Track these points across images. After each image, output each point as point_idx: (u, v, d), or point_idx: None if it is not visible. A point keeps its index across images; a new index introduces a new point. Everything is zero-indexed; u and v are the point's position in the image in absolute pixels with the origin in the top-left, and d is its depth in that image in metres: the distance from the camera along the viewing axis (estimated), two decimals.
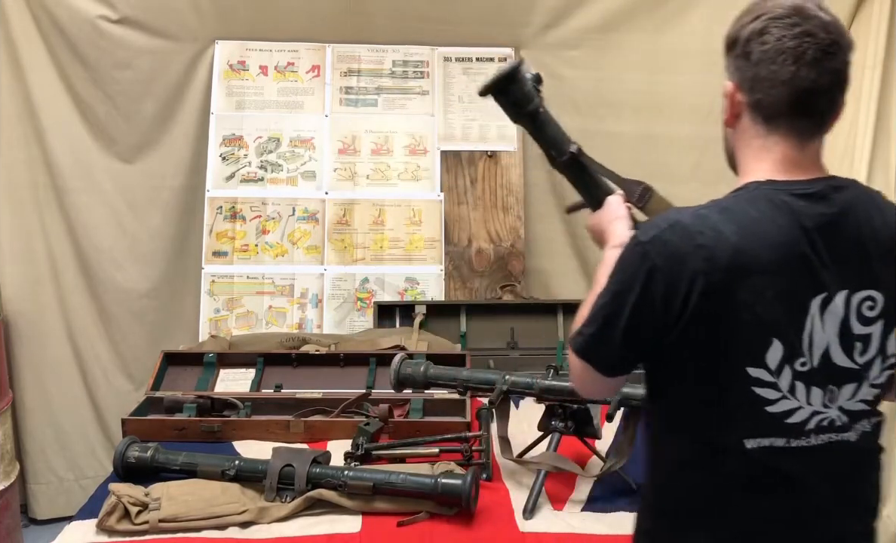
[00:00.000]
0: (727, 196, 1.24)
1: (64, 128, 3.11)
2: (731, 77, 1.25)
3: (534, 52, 3.29)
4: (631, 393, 1.97)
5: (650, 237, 1.20)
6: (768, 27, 1.19)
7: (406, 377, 2.23)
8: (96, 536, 1.86)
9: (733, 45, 1.24)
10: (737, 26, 1.24)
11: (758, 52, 1.20)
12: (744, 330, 1.17)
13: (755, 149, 1.25)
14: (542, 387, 2.06)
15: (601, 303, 1.26)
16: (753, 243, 1.16)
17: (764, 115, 1.23)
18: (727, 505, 1.23)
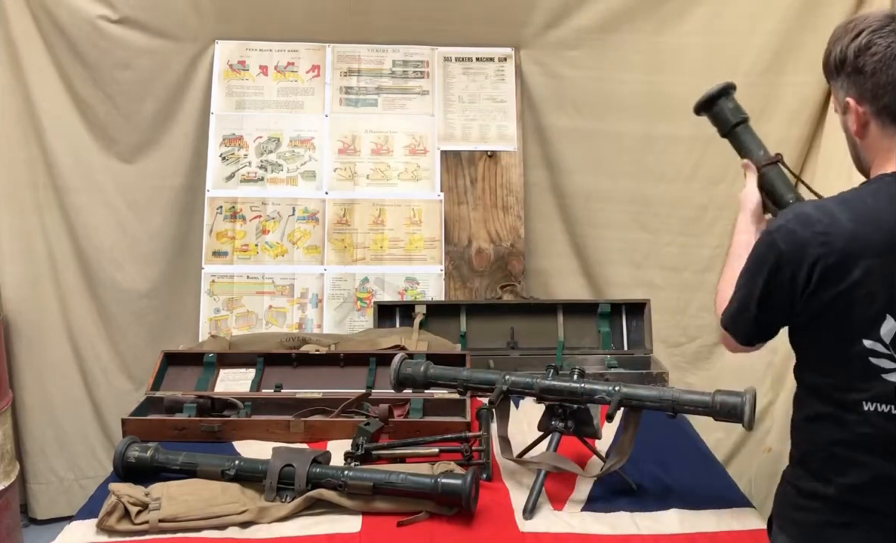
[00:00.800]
0: (852, 189, 1.40)
1: (64, 128, 3.12)
2: (848, 93, 1.40)
3: (534, 51, 3.29)
4: (631, 393, 1.97)
5: (777, 226, 1.39)
6: (873, 40, 1.34)
7: (406, 377, 2.23)
8: (96, 536, 1.86)
9: (842, 65, 1.39)
10: (839, 47, 1.40)
11: (871, 63, 1.34)
12: (858, 307, 1.34)
13: (885, 150, 1.39)
14: (542, 387, 2.06)
15: (740, 284, 1.48)
16: (868, 229, 1.32)
17: (892, 117, 1.37)
18: (848, 460, 1.41)
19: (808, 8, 3.00)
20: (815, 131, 3.09)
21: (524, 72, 3.30)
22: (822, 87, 3.05)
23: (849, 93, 1.40)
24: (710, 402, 1.89)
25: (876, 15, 1.37)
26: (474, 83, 3.31)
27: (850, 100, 1.40)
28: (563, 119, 3.29)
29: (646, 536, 1.85)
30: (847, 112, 1.42)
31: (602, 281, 3.33)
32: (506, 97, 3.29)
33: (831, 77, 1.45)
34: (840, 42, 1.39)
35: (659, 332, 3.08)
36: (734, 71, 3.10)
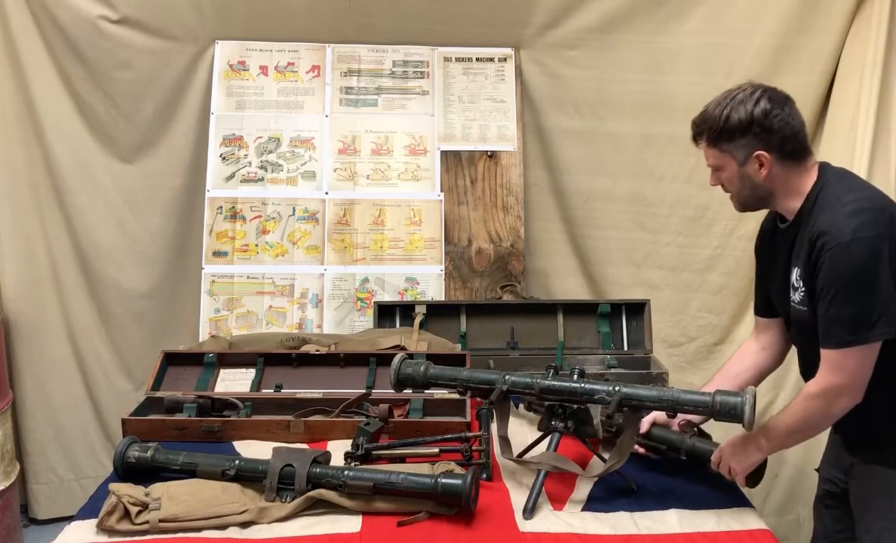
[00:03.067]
0: (836, 183, 1.81)
1: (64, 128, 3.12)
2: (758, 148, 1.81)
3: (534, 52, 3.29)
4: (631, 393, 1.97)
5: (865, 230, 1.72)
6: (770, 108, 1.79)
7: (406, 377, 2.22)
8: (96, 536, 1.86)
9: (749, 128, 1.80)
10: (743, 113, 1.80)
11: (776, 123, 1.79)
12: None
13: (797, 176, 1.84)
14: (542, 387, 2.05)
15: (863, 302, 1.72)
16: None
17: (794, 157, 1.83)
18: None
19: (807, 8, 3.00)
20: (815, 131, 3.09)
21: (524, 72, 3.31)
22: (822, 87, 3.05)
23: (758, 148, 1.80)
24: (709, 402, 1.89)
25: (748, 88, 1.83)
26: (474, 83, 3.31)
27: (762, 152, 1.80)
28: (563, 119, 3.29)
29: (646, 536, 1.85)
30: (749, 163, 1.82)
31: (602, 281, 3.33)
32: (506, 97, 3.29)
33: (728, 139, 1.83)
34: (738, 110, 1.80)
35: (659, 332, 3.09)
36: (734, 71, 3.11)
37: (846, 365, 1.73)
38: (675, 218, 3.27)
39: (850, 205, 1.73)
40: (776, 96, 1.81)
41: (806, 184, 1.84)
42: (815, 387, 1.79)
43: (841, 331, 1.72)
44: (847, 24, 2.97)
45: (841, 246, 1.69)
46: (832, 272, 1.71)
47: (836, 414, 1.78)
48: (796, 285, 1.85)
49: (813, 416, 1.81)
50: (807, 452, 3.07)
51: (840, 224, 1.71)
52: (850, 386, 1.75)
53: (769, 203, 1.90)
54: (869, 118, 2.74)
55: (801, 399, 1.82)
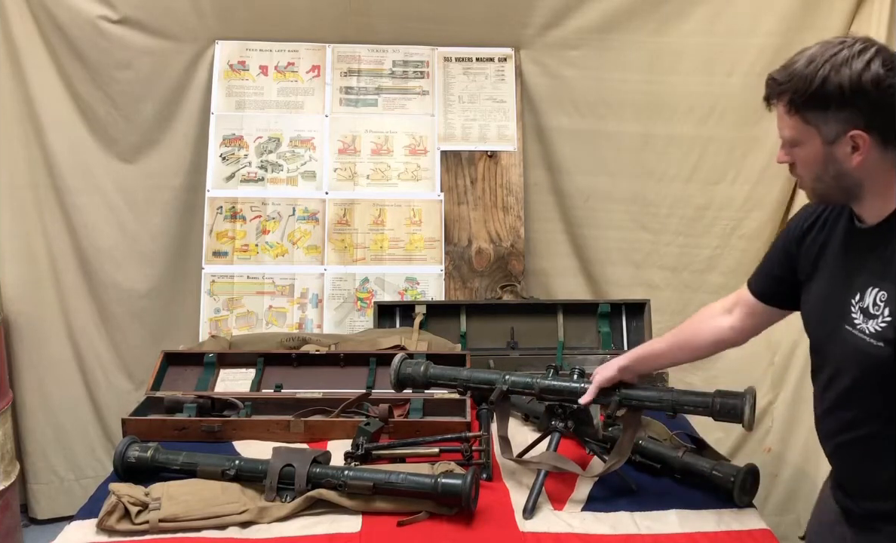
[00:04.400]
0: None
1: (64, 128, 3.12)
2: (856, 125, 1.36)
3: (534, 52, 3.29)
4: (631, 393, 1.97)
5: None
6: (887, 72, 1.33)
7: (406, 377, 2.22)
8: (96, 536, 1.86)
9: (851, 98, 1.34)
10: (845, 78, 1.34)
11: (888, 96, 1.33)
12: None
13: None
14: (541, 387, 2.05)
15: None
16: None
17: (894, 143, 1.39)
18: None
19: (808, 8, 3.00)
20: None
21: (524, 72, 3.30)
22: None
23: (856, 125, 1.36)
24: (710, 403, 1.90)
25: (868, 44, 1.36)
26: (474, 83, 3.31)
27: (859, 131, 1.36)
28: (563, 119, 3.29)
29: (646, 536, 1.85)
30: (840, 143, 1.39)
31: (602, 281, 3.33)
32: (506, 97, 3.29)
33: (823, 107, 1.39)
34: (842, 71, 1.34)
35: (659, 332, 3.07)
36: (734, 71, 3.11)
37: None
38: (675, 218, 3.27)
39: None
40: (892, 61, 1.35)
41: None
42: None
43: None
44: (847, 24, 2.96)
45: None
46: None
47: None
48: (874, 312, 1.40)
49: None
50: (806, 451, 3.08)
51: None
52: None
53: (854, 197, 1.45)
54: None
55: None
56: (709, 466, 2.02)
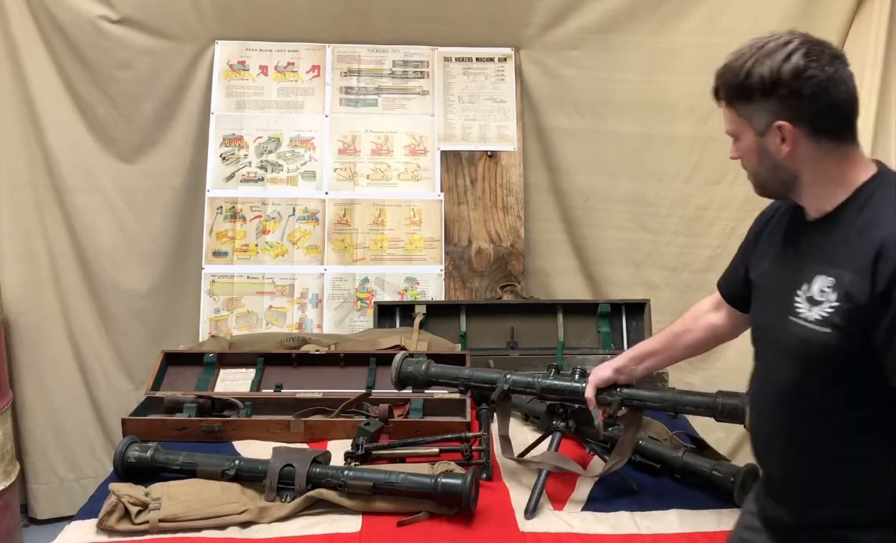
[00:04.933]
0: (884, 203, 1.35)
1: (64, 128, 3.12)
2: (782, 117, 1.37)
3: (534, 52, 3.29)
4: (632, 393, 1.97)
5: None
6: (808, 63, 1.33)
7: (407, 375, 2.22)
8: (96, 536, 1.86)
9: (772, 89, 1.36)
10: (766, 69, 1.36)
11: (809, 86, 1.34)
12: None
13: (841, 166, 1.39)
14: (543, 386, 2.05)
15: None
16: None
17: (832, 137, 1.37)
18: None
19: (808, 8, 3.00)
20: None
21: (524, 72, 3.30)
22: None
23: (780, 116, 1.37)
24: (711, 403, 1.90)
25: (792, 37, 1.37)
26: (474, 83, 3.31)
27: (784, 123, 1.37)
28: (563, 119, 3.29)
29: (646, 536, 1.85)
30: (769, 134, 1.39)
31: (602, 281, 3.33)
32: (506, 97, 3.29)
33: (748, 99, 1.40)
34: (764, 63, 1.36)
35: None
36: None
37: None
38: (675, 218, 3.27)
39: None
40: (818, 52, 1.35)
41: (853, 175, 1.39)
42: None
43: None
44: (847, 24, 2.96)
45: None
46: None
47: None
48: (819, 298, 1.37)
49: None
50: None
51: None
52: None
53: (792, 189, 1.45)
54: (869, 118, 2.73)
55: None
56: (709, 466, 2.02)
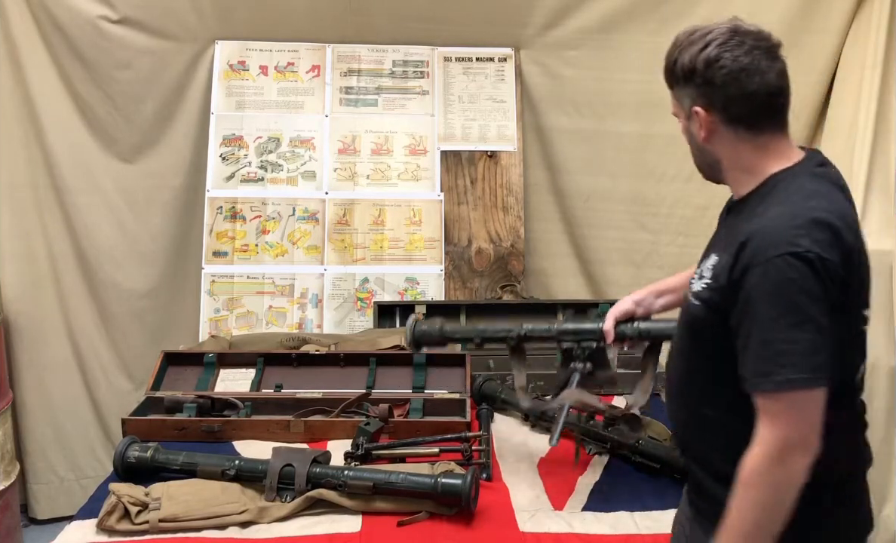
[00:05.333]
0: (797, 192, 1.37)
1: (64, 128, 3.11)
2: (696, 102, 1.44)
3: (534, 52, 3.29)
4: (650, 327, 1.94)
5: (803, 253, 1.29)
6: (721, 53, 1.40)
7: (422, 334, 2.21)
8: (96, 536, 1.86)
9: (691, 75, 1.44)
10: (686, 57, 1.46)
11: (720, 75, 1.40)
12: (861, 282, 1.38)
13: (754, 155, 1.42)
14: (560, 330, 2.04)
15: (789, 336, 1.28)
16: (839, 213, 1.34)
17: (747, 126, 1.41)
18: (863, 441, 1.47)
19: (808, 8, 3.00)
20: (815, 131, 3.09)
21: (524, 72, 3.30)
22: (822, 87, 3.05)
23: (696, 102, 1.44)
24: None
25: (720, 27, 1.44)
26: (474, 83, 3.31)
27: (699, 109, 1.43)
28: (562, 119, 3.29)
29: (646, 536, 1.85)
30: (692, 119, 1.46)
31: (602, 281, 3.33)
32: (506, 97, 3.29)
33: (676, 84, 1.50)
34: (687, 52, 1.45)
35: None
36: None
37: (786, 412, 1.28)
38: (675, 218, 3.26)
39: (814, 213, 1.31)
40: (738, 42, 1.41)
41: (765, 164, 1.42)
42: (752, 457, 1.30)
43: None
44: (847, 23, 2.96)
45: (784, 257, 1.27)
46: (766, 285, 1.28)
47: (800, 480, 1.28)
48: (703, 274, 1.44)
49: (771, 496, 1.29)
50: None
51: (788, 230, 1.29)
52: (799, 437, 1.28)
53: (718, 172, 1.50)
54: (869, 118, 2.73)
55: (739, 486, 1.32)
56: None
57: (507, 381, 2.63)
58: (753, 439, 1.29)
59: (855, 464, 1.45)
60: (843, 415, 1.37)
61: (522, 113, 3.29)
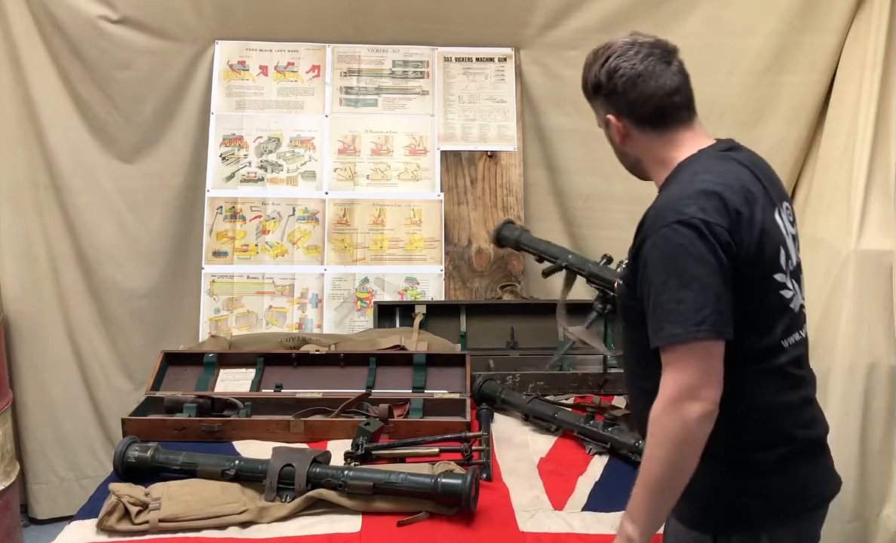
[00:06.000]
0: (690, 174, 1.50)
1: (64, 128, 3.12)
2: (608, 112, 1.60)
3: (534, 52, 3.29)
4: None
5: (688, 219, 1.41)
6: (619, 64, 1.55)
7: (503, 237, 2.95)
8: (96, 536, 1.86)
9: (598, 88, 1.60)
10: (592, 73, 1.62)
11: (621, 83, 1.54)
12: (767, 247, 1.46)
13: (665, 148, 1.57)
14: (590, 271, 2.58)
15: (676, 296, 1.41)
16: (738, 184, 1.47)
17: (652, 125, 1.56)
18: (798, 403, 1.52)
19: (808, 8, 3.00)
20: (815, 131, 3.09)
21: (524, 72, 3.30)
22: (822, 87, 3.05)
23: (608, 111, 1.60)
24: None
25: (619, 41, 1.58)
26: (474, 83, 3.31)
27: (611, 116, 1.59)
28: (562, 119, 3.29)
29: None
30: (609, 126, 1.61)
31: None
32: (506, 97, 3.29)
33: (590, 99, 1.66)
34: (592, 68, 1.61)
35: None
36: (734, 71, 3.11)
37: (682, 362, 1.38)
38: None
39: (702, 185, 1.44)
40: (635, 52, 1.55)
41: (674, 155, 1.55)
42: (653, 407, 1.40)
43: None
44: (847, 23, 2.96)
45: (671, 226, 1.40)
46: (656, 252, 1.41)
47: (694, 427, 1.36)
48: (626, 258, 1.57)
49: (667, 446, 1.37)
50: None
51: (677, 202, 1.43)
52: (689, 384, 1.36)
53: (643, 171, 1.63)
54: (869, 118, 2.73)
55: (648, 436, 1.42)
56: None
57: (507, 381, 2.63)
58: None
59: (789, 433, 1.50)
60: (770, 379, 1.47)
61: (522, 113, 3.29)
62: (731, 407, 1.41)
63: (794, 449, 1.50)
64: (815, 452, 1.56)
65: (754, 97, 3.11)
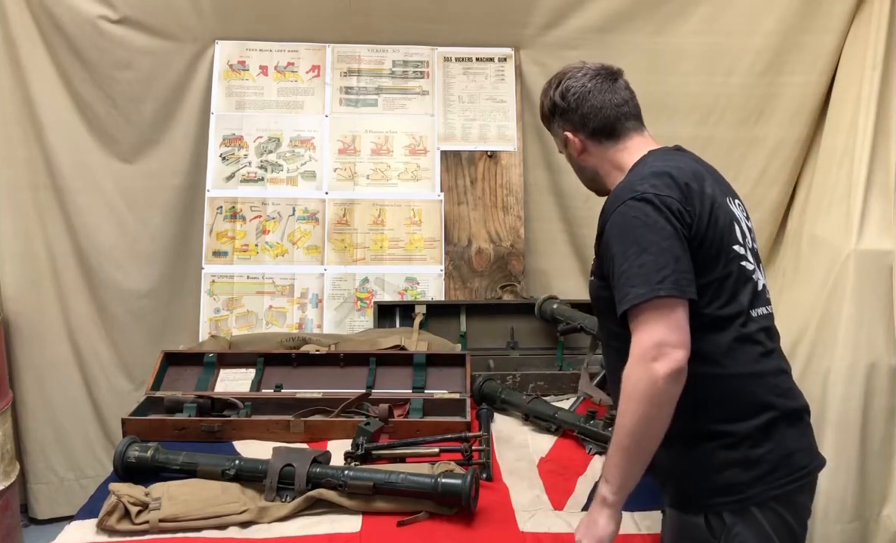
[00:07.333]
0: (641, 168, 1.63)
1: (64, 128, 3.11)
2: (566, 129, 1.75)
3: (534, 52, 3.29)
4: None
5: (641, 196, 1.53)
6: (570, 84, 1.73)
7: (545, 312, 2.88)
8: (96, 536, 1.86)
9: (554, 109, 1.76)
10: (548, 98, 1.77)
11: (573, 101, 1.72)
12: (721, 221, 1.57)
13: (619, 154, 1.71)
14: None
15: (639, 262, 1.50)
16: (688, 169, 1.61)
17: (605, 135, 1.72)
18: (772, 371, 1.58)
19: (808, 8, 3.00)
20: (815, 131, 3.09)
21: (524, 72, 3.31)
22: (822, 87, 3.05)
23: (565, 128, 1.75)
24: None
25: (569, 67, 1.77)
26: (474, 83, 3.31)
27: (568, 133, 1.74)
28: None
29: (646, 536, 1.86)
30: (567, 144, 1.76)
31: None
32: (506, 97, 3.30)
33: (549, 123, 1.80)
34: (548, 93, 1.77)
35: None
36: (734, 71, 3.11)
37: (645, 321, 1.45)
38: None
39: (653, 168, 1.58)
40: (583, 74, 1.73)
41: (628, 159, 1.69)
42: (627, 365, 1.46)
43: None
44: (847, 24, 2.96)
45: (626, 202, 1.52)
46: (615, 228, 1.53)
47: (662, 385, 1.41)
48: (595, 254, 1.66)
49: (637, 401, 1.43)
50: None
51: (630, 184, 1.56)
52: (656, 341, 1.42)
53: (602, 183, 1.76)
54: (869, 118, 2.73)
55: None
56: None
57: (507, 381, 2.64)
58: None
59: (767, 400, 1.54)
60: (742, 347, 1.53)
61: (522, 113, 3.29)
62: (706, 380, 1.49)
63: (775, 417, 1.54)
64: (797, 420, 1.60)
65: (754, 97, 3.12)
